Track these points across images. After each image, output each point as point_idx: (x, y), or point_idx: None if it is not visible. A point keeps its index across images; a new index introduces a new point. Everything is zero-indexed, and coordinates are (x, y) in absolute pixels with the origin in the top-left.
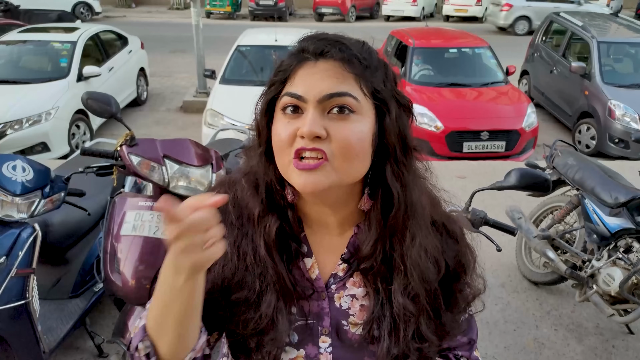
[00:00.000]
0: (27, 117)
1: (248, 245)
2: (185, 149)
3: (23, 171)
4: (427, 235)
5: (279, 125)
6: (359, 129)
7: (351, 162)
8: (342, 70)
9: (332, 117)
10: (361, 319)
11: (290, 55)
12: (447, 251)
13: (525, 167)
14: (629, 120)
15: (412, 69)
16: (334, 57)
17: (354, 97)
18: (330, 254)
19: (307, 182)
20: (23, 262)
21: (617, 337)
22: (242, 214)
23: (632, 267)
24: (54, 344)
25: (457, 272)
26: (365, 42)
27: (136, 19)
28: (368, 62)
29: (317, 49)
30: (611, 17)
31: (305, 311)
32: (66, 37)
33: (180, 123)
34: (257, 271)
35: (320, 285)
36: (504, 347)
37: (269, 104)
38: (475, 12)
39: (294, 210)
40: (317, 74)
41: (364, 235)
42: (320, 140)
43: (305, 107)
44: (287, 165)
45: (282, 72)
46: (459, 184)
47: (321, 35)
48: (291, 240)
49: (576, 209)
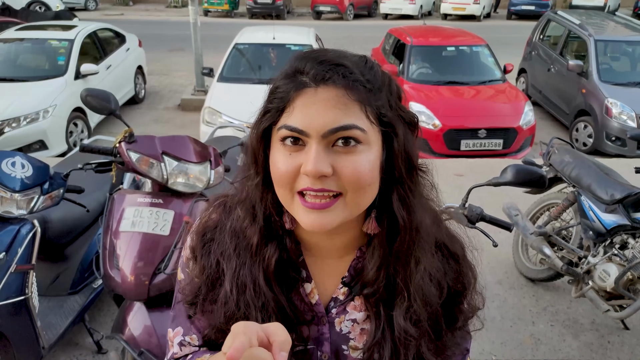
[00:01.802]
0: (25, 115)
1: (247, 276)
2: (184, 146)
3: (22, 168)
4: (431, 258)
5: (279, 158)
6: (366, 160)
7: (363, 195)
8: (346, 99)
9: (338, 150)
10: (361, 343)
11: (286, 78)
12: (449, 272)
13: (521, 163)
14: (626, 118)
15: (410, 67)
16: (336, 83)
17: (360, 129)
18: (330, 278)
19: (315, 222)
20: (22, 258)
21: (613, 332)
22: (239, 242)
23: (627, 263)
24: (53, 340)
25: (458, 292)
26: (367, 57)
27: (134, 17)
28: (372, 84)
29: (317, 75)
30: (609, 15)
31: (305, 336)
32: (64, 35)
33: (178, 121)
34: (258, 303)
35: (321, 310)
36: (500, 343)
37: (265, 131)
38: (473, 10)
39: (292, 236)
40: (319, 104)
41: (368, 260)
42: (326, 178)
43: (308, 140)
44: (291, 200)
45: (279, 99)
46: (456, 182)
47: (320, 55)
48: (290, 269)
49: (572, 206)
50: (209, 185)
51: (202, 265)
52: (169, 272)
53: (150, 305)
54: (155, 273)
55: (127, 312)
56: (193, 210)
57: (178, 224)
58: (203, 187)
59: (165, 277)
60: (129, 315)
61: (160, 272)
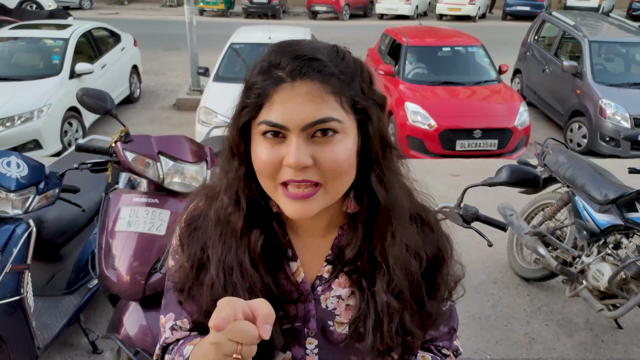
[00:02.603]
0: (19, 115)
1: (233, 260)
2: (180, 146)
3: (17, 167)
4: (407, 230)
5: (261, 150)
6: (344, 148)
7: (341, 182)
8: (322, 92)
9: (317, 140)
10: (347, 319)
11: (262, 74)
12: (426, 242)
13: (516, 164)
14: (620, 119)
15: (406, 67)
16: (312, 77)
17: (337, 120)
18: (314, 256)
19: (299, 211)
20: (18, 257)
21: (607, 332)
22: (224, 229)
23: (620, 262)
24: (48, 340)
25: (437, 260)
26: (338, 47)
27: (129, 16)
28: (345, 75)
29: (293, 71)
30: (603, 17)
31: (292, 314)
32: (58, 34)
33: (173, 121)
34: (245, 285)
35: (307, 288)
36: (495, 342)
37: (244, 125)
38: (468, 10)
39: (278, 219)
40: (296, 99)
41: (348, 238)
42: (307, 168)
43: (288, 134)
44: (274, 190)
45: (256, 95)
46: (452, 182)
47: (294, 49)
48: (276, 250)
49: (567, 206)
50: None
51: (189, 253)
52: (164, 272)
53: (145, 304)
54: (151, 273)
55: (122, 311)
56: None
57: (174, 224)
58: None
59: (161, 276)
60: (125, 315)
61: (156, 272)
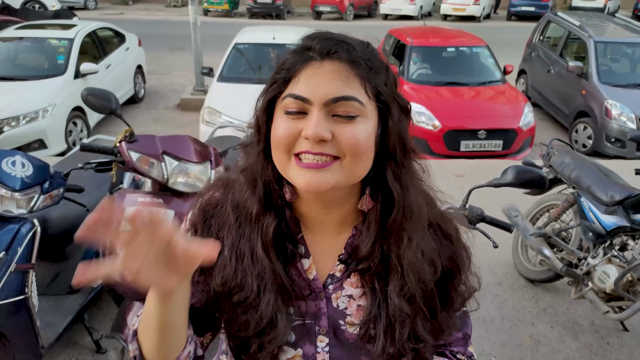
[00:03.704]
0: (24, 114)
1: (245, 245)
2: (184, 146)
3: (22, 167)
4: (424, 236)
5: (281, 123)
6: (364, 129)
7: (358, 161)
8: (348, 73)
9: (338, 120)
10: (358, 319)
11: (294, 53)
12: (443, 252)
13: (521, 164)
14: (625, 120)
15: (410, 67)
16: (341, 58)
17: (359, 102)
18: (327, 255)
19: (311, 181)
20: (22, 257)
21: (612, 334)
22: (240, 213)
23: (627, 264)
24: (52, 339)
25: (452, 271)
26: (369, 43)
27: (133, 16)
28: (372, 64)
29: (323, 49)
30: (608, 17)
31: (302, 311)
32: (63, 34)
33: (178, 121)
34: (254, 271)
35: (318, 286)
36: (500, 344)
37: (270, 101)
38: (473, 11)
39: (291, 210)
40: (323, 75)
41: (363, 237)
42: (325, 143)
43: (310, 109)
44: (287, 162)
45: (286, 70)
46: (456, 183)
47: (327, 34)
48: (288, 242)
49: (572, 207)
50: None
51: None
52: None
53: None
54: None
55: (126, 311)
56: None
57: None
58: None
59: None
60: (129, 315)
61: None
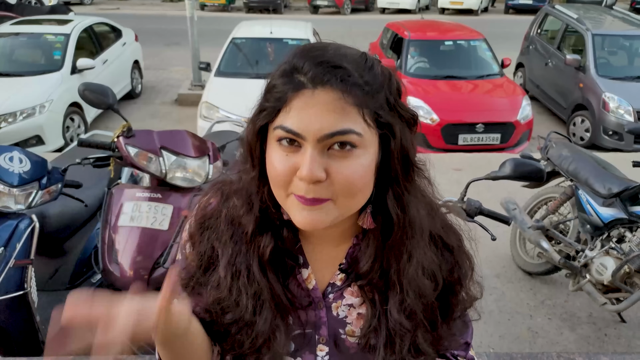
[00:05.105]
0: (21, 110)
1: (242, 264)
2: (182, 140)
3: (20, 162)
4: (425, 250)
5: (275, 157)
6: (361, 164)
7: (354, 199)
8: (343, 103)
9: (333, 153)
10: (358, 327)
11: (284, 76)
12: (444, 265)
13: (519, 157)
14: (623, 113)
15: (408, 61)
16: (334, 86)
17: (356, 133)
18: (326, 264)
19: (307, 220)
20: (21, 253)
21: (610, 325)
22: (236, 231)
23: (624, 256)
24: None
25: (452, 283)
26: (367, 55)
27: (130, 11)
28: (370, 86)
29: (315, 77)
30: (606, 10)
31: (302, 320)
32: (59, 29)
33: (175, 116)
34: (250, 291)
35: (318, 295)
36: (498, 337)
37: (261, 128)
38: (470, 4)
39: (289, 227)
40: (316, 107)
41: (362, 252)
42: (320, 183)
43: (304, 143)
44: (285, 197)
45: (275, 100)
46: (454, 177)
47: (318, 55)
48: (286, 257)
49: (570, 200)
50: (207, 179)
51: (198, 252)
52: (168, 267)
53: None
54: (155, 267)
55: None
56: (192, 205)
57: (177, 219)
58: (202, 182)
59: (165, 271)
60: None
61: (159, 267)
